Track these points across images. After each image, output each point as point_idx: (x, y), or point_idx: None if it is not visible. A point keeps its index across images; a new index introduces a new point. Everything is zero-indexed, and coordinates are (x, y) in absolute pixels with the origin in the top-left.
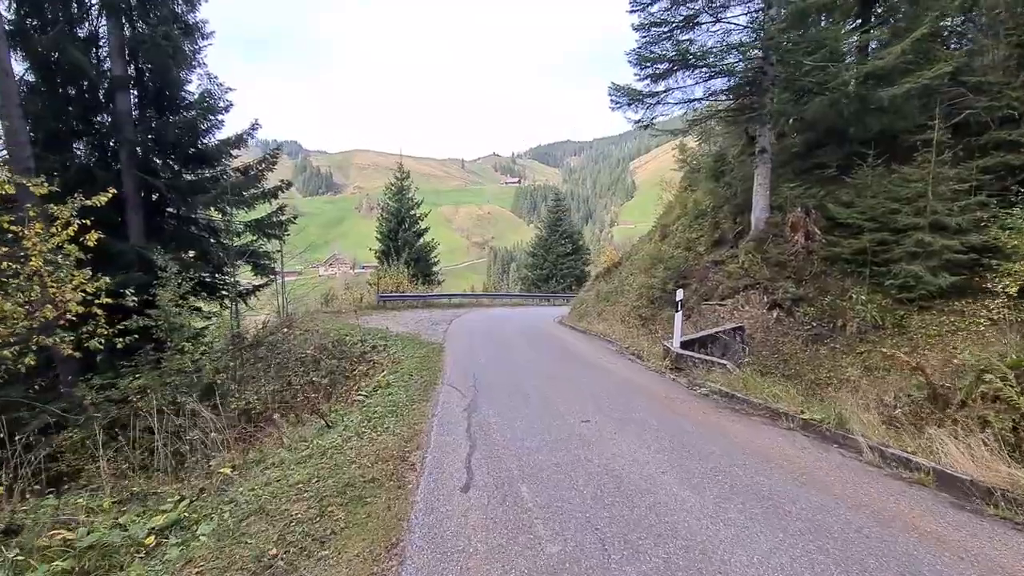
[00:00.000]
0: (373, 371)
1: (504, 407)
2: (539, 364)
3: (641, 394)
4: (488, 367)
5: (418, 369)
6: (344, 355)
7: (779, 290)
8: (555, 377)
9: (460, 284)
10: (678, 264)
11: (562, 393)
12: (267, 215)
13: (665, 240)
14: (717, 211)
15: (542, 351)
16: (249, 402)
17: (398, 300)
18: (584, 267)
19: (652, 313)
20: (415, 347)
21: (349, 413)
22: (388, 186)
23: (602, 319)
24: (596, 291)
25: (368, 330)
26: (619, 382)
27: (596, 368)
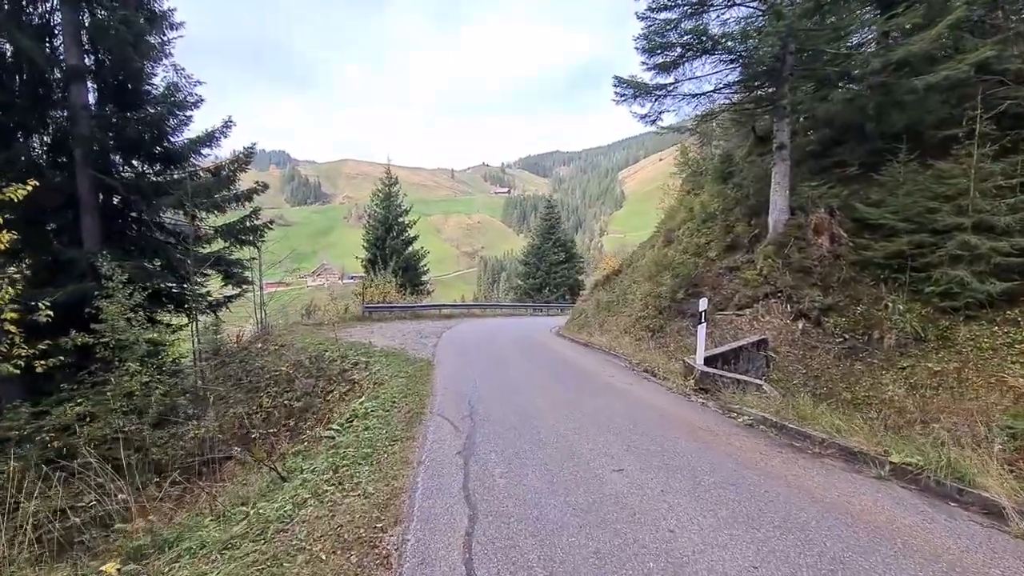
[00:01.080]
0: (352, 393)
1: (510, 448)
2: (544, 385)
3: (673, 425)
4: (485, 390)
5: (403, 393)
6: (322, 373)
7: (805, 299)
8: (566, 403)
9: (450, 294)
10: (688, 271)
11: (579, 425)
12: (239, 220)
13: (670, 246)
14: (728, 214)
15: (545, 369)
16: (208, 429)
17: (385, 311)
18: (578, 276)
19: (660, 324)
20: (401, 364)
21: (313, 455)
22: (375, 192)
23: (604, 330)
24: (596, 301)
25: (350, 345)
26: (642, 408)
27: (610, 390)
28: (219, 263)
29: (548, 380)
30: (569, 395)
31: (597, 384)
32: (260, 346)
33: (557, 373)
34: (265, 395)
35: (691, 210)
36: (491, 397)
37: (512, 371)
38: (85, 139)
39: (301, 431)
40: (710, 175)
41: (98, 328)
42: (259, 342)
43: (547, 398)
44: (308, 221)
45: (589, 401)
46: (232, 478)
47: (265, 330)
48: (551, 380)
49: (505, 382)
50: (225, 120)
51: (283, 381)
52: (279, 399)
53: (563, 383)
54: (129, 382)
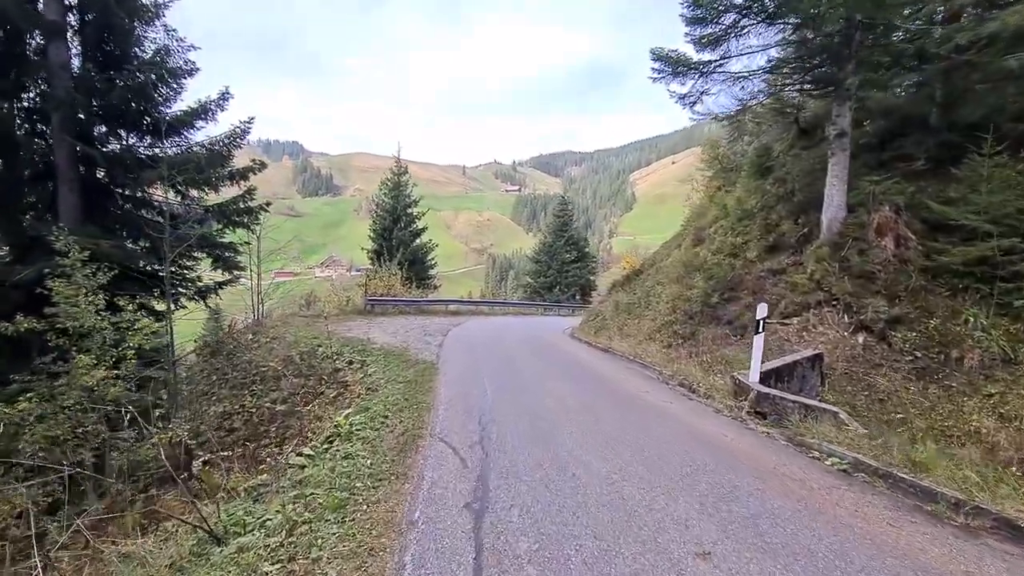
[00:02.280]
0: (342, 399)
1: (539, 501)
2: (568, 401)
3: (745, 467)
4: (498, 404)
5: (398, 405)
6: (313, 371)
7: (867, 308)
8: (600, 428)
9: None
10: (723, 273)
11: (624, 464)
12: (232, 200)
13: (701, 245)
14: (768, 211)
15: (565, 378)
16: (177, 434)
17: (388, 305)
18: (590, 276)
19: (691, 330)
20: (400, 366)
21: (272, 495)
22: (384, 181)
23: (625, 335)
24: (615, 302)
25: (347, 341)
26: (695, 438)
27: (649, 410)
28: (206, 245)
29: (571, 393)
30: (601, 416)
31: (630, 401)
32: (251, 338)
33: (581, 384)
34: (249, 394)
35: (724, 207)
36: (505, 415)
37: (528, 379)
38: (63, 102)
39: (273, 446)
40: (745, 170)
41: (53, 312)
42: (250, 333)
43: (575, 420)
44: (319, 213)
45: (627, 425)
46: (167, 514)
47: (258, 321)
48: (575, 393)
49: (521, 394)
50: (221, 91)
51: (270, 379)
52: (263, 399)
53: (590, 398)
54: (85, 376)
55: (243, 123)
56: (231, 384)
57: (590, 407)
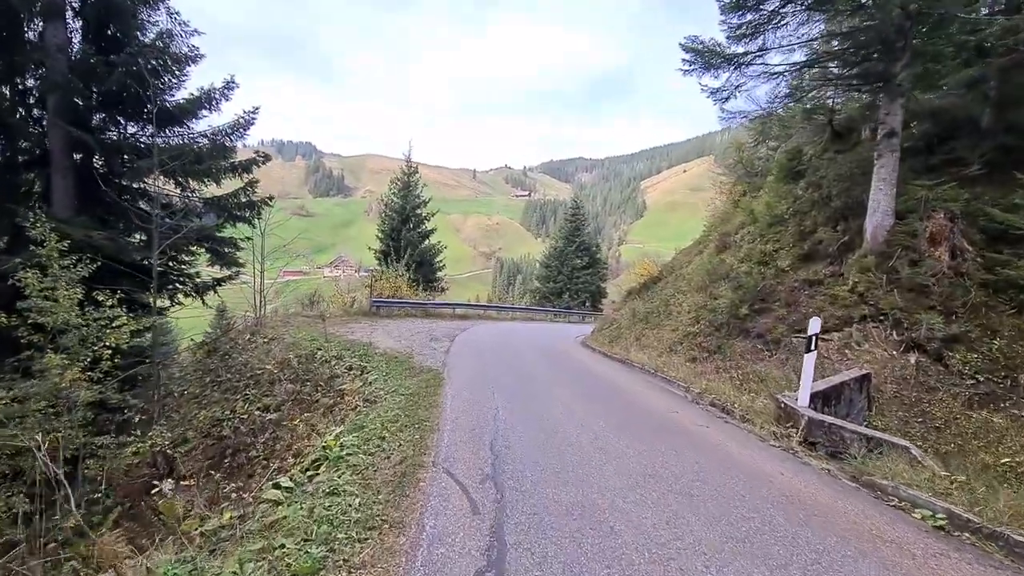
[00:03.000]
0: (336, 410)
1: (572, 568)
2: (592, 422)
3: (821, 525)
4: (512, 426)
5: (398, 422)
6: (310, 376)
7: (919, 325)
8: (635, 460)
9: (465, 294)
10: (754, 283)
11: (674, 515)
12: (232, 192)
13: (726, 252)
14: (802, 217)
15: (586, 393)
16: (156, 443)
17: (394, 307)
18: (601, 283)
19: (717, 343)
20: (403, 374)
21: (233, 545)
22: (393, 180)
23: (642, 346)
24: (631, 310)
25: (349, 344)
26: (745, 476)
27: (684, 436)
28: (204, 239)
29: (594, 412)
30: (634, 443)
31: (662, 424)
32: (248, 338)
33: (603, 402)
34: (242, 399)
35: (751, 212)
36: (521, 438)
37: (543, 394)
38: (58, 85)
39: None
40: (773, 174)
41: (26, 307)
42: (248, 333)
43: (604, 448)
44: (329, 213)
45: (666, 458)
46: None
47: (258, 320)
48: (599, 413)
49: (537, 412)
50: (226, 80)
51: (265, 383)
52: (255, 404)
53: (616, 418)
54: (56, 376)
55: (247, 113)
56: (224, 387)
57: (619, 430)
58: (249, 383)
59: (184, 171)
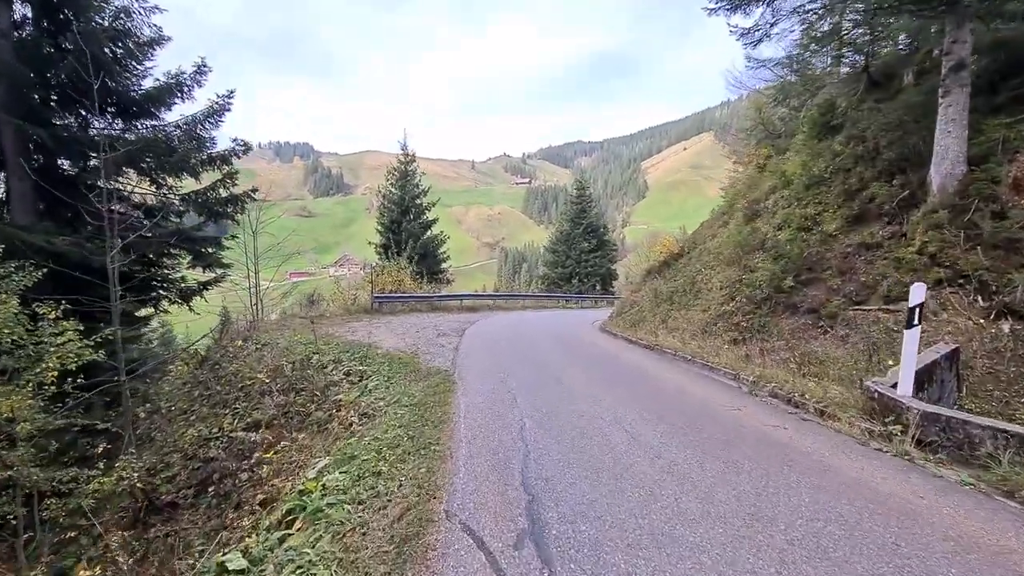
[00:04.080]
0: (331, 426)
1: None
2: (645, 432)
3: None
4: (545, 444)
5: (399, 448)
6: (305, 383)
7: (1013, 288)
8: (730, 498)
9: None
10: (798, 251)
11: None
12: (209, 186)
13: (756, 221)
14: (846, 175)
15: (625, 393)
16: (125, 477)
17: (397, 302)
18: (610, 265)
19: (759, 322)
20: (408, 379)
21: None
22: (391, 171)
23: (670, 329)
24: (652, 290)
25: (348, 345)
26: (886, 513)
27: (768, 447)
28: (183, 239)
29: (641, 417)
30: (706, 459)
31: (730, 428)
32: (240, 344)
33: (648, 400)
34: (230, 413)
35: (782, 175)
36: (560, 467)
37: (573, 393)
38: (2, 74)
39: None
40: (804, 131)
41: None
42: (240, 339)
43: (671, 470)
44: (330, 212)
45: (755, 480)
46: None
47: (251, 325)
48: (647, 417)
49: (572, 421)
50: (197, 64)
51: (255, 395)
52: (245, 420)
53: (671, 423)
54: None
55: (221, 97)
56: (213, 400)
57: (682, 442)
58: (239, 395)
59: (158, 165)
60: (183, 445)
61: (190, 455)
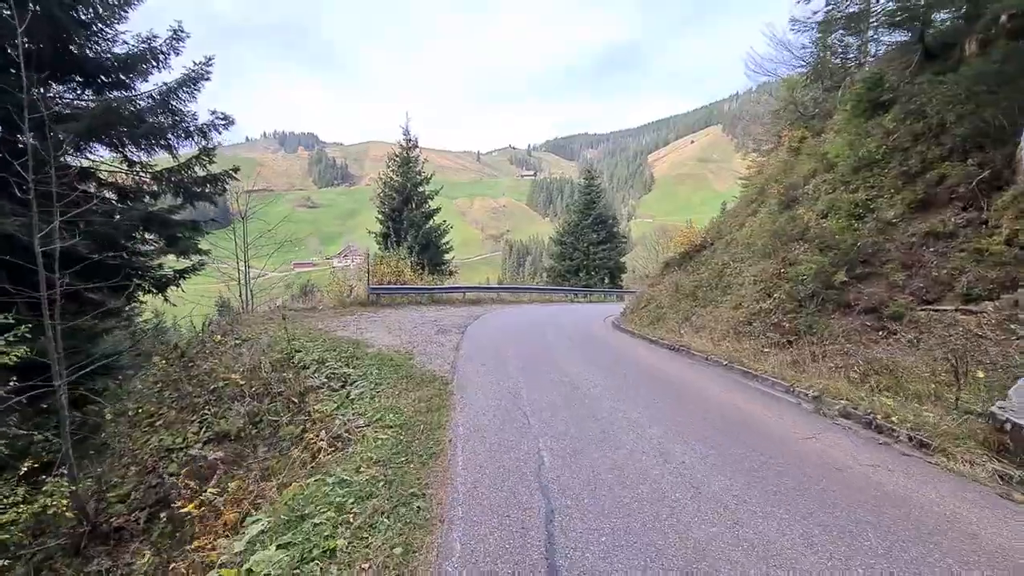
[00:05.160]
0: (303, 438)
1: None
2: (713, 483)
3: None
4: (579, 498)
5: (373, 498)
6: (283, 387)
7: None
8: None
9: (475, 277)
10: (850, 242)
11: None
12: (183, 163)
13: (792, 209)
14: (904, 155)
15: (665, 413)
16: (51, 504)
17: (397, 294)
18: (619, 258)
19: (806, 322)
20: (398, 387)
21: None
22: (391, 156)
23: (695, 328)
24: (674, 284)
25: (336, 342)
26: None
27: (875, 503)
28: (154, 222)
29: (696, 453)
30: (812, 536)
31: (814, 470)
32: (219, 339)
33: (698, 427)
34: (198, 420)
35: (823, 157)
36: (606, 547)
37: (604, 416)
38: None
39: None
40: (848, 109)
41: None
42: (220, 333)
43: (772, 560)
44: (335, 203)
45: (880, 562)
46: None
47: (234, 317)
48: (702, 453)
49: (609, 462)
50: (173, 28)
51: (228, 399)
52: (210, 429)
53: (738, 467)
54: None
55: (198, 65)
56: (183, 404)
57: (761, 494)
58: (210, 399)
59: (125, 138)
60: (143, 456)
61: (149, 468)
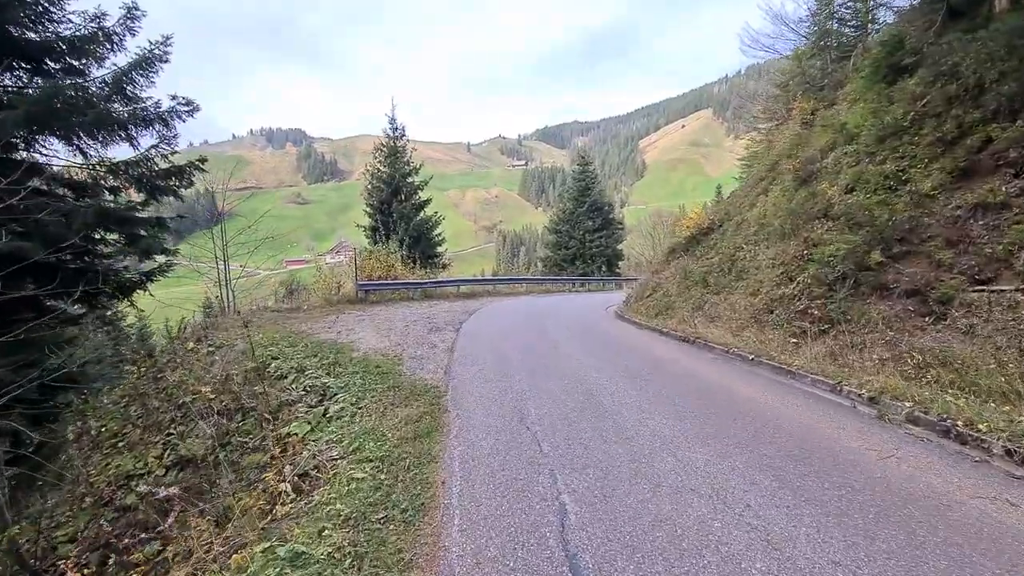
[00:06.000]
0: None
1: None
2: (789, 538)
3: None
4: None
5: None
6: (255, 401)
7: None
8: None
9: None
10: (884, 218)
11: None
12: (141, 155)
13: (811, 183)
14: (938, 120)
15: (705, 429)
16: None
17: (386, 289)
18: (616, 245)
19: (839, 308)
20: (383, 403)
21: None
22: (378, 147)
23: (708, 317)
24: (681, 270)
25: (318, 346)
26: None
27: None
28: (111, 219)
29: (758, 487)
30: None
31: (930, 511)
32: (192, 347)
33: (749, 444)
34: (161, 441)
35: (842, 128)
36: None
37: (631, 433)
38: None
39: None
40: (864, 75)
41: None
42: (194, 340)
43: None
44: (326, 199)
45: None
46: None
47: (209, 321)
48: (767, 487)
49: (651, 507)
50: (128, 6)
51: (195, 415)
52: (174, 452)
53: (821, 509)
54: None
55: (155, 44)
56: (148, 421)
57: (867, 558)
58: (176, 416)
59: (81, 127)
60: (100, 485)
61: (105, 499)
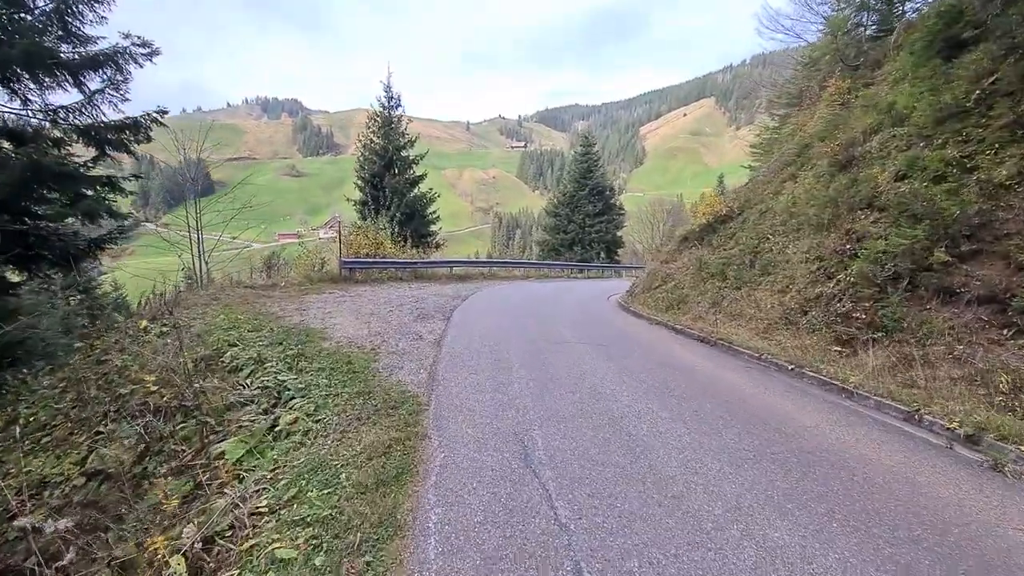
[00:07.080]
0: (192, 500)
1: None
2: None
3: None
4: None
5: None
6: (200, 399)
7: None
8: None
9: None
10: (951, 210)
11: None
12: (85, 100)
13: (852, 169)
14: (1012, 99)
15: (769, 477)
16: None
17: (373, 268)
18: (617, 231)
19: (891, 313)
20: (347, 416)
21: None
22: (371, 117)
23: (728, 315)
24: (695, 262)
25: (289, 331)
26: None
27: None
28: (49, 176)
29: None
30: None
31: None
32: (144, 326)
33: (834, 508)
34: (88, 441)
35: (888, 109)
36: None
37: (676, 485)
38: None
39: None
40: (918, 49)
41: None
42: (148, 318)
43: None
44: (321, 172)
45: None
46: None
47: (165, 300)
48: None
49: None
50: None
51: (131, 411)
52: (99, 458)
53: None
54: None
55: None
56: (80, 414)
57: None
58: (110, 410)
59: (19, 65)
60: (6, 494)
61: (14, 511)
